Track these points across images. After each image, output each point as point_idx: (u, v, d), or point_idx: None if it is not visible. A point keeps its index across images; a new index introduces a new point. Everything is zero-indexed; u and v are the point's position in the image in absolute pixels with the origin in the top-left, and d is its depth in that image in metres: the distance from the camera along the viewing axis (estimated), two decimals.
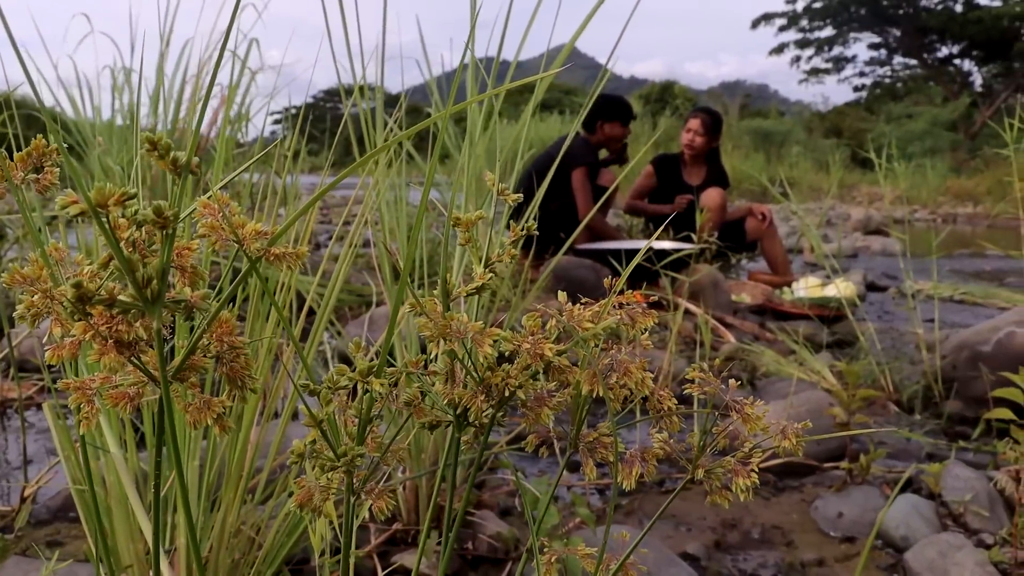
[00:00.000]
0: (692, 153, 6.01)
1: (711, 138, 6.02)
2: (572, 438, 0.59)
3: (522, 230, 0.67)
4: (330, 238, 7.07)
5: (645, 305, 0.60)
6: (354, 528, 0.84)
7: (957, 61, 42.16)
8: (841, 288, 4.26)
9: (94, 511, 0.75)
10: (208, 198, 0.56)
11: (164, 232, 0.51)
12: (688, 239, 5.03)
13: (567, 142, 1.68)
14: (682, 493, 2.11)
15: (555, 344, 0.55)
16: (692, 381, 0.66)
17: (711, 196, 5.67)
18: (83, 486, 1.26)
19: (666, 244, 4.76)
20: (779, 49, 44.75)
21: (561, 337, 0.57)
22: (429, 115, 2.25)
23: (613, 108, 5.60)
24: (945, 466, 2.06)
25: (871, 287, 6.26)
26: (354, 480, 0.61)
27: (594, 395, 0.56)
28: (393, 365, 0.64)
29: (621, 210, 6.52)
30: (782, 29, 44.12)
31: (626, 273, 0.63)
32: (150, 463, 1.34)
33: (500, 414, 0.58)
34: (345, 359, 2.80)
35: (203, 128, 3.78)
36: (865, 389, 2.17)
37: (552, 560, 0.67)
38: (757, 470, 0.61)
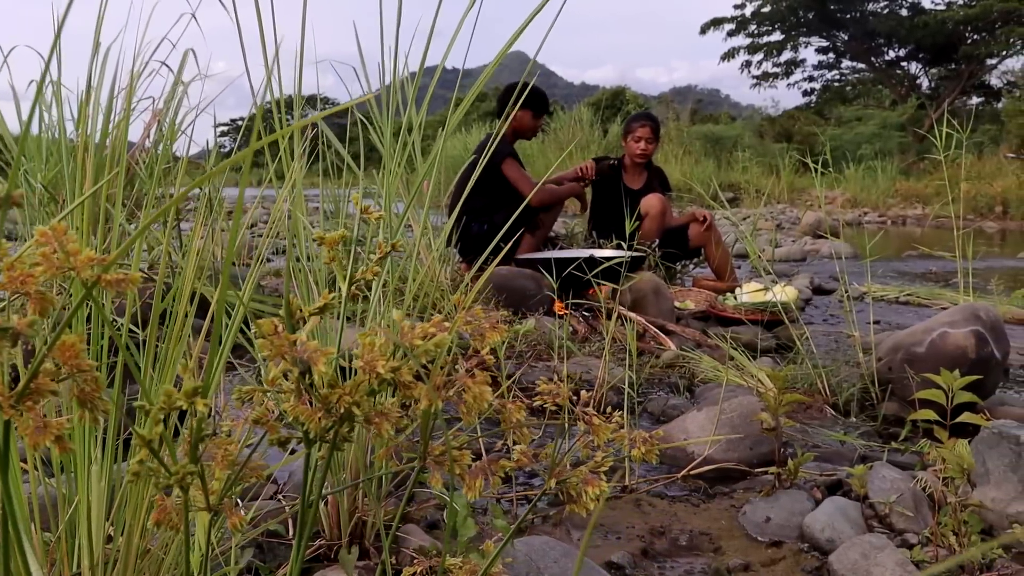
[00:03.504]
0: (644, 161, 6.04)
1: (658, 143, 6.09)
2: (420, 451, 0.59)
3: (388, 246, 0.67)
4: (275, 252, 7.03)
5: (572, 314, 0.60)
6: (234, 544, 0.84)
7: (904, 64, 42.76)
8: (782, 292, 4.29)
9: None
10: (49, 228, 0.56)
11: None
12: (619, 247, 5.05)
13: (493, 143, 1.69)
14: (612, 502, 2.12)
15: (409, 359, 0.55)
16: (626, 389, 0.65)
17: (651, 202, 5.69)
18: None
19: (607, 252, 4.77)
20: (730, 55, 45.11)
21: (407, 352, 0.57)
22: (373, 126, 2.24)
23: (527, 96, 5.58)
24: (869, 468, 2.08)
25: (818, 290, 6.31)
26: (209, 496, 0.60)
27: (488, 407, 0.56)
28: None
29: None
30: (731, 34, 44.48)
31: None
32: (45, 484, 1.32)
33: (346, 430, 0.58)
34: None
35: (138, 140, 3.74)
36: (792, 393, 2.19)
37: (420, 571, 0.67)
38: (605, 478, 0.61)
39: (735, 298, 4.78)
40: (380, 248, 0.67)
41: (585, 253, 4.44)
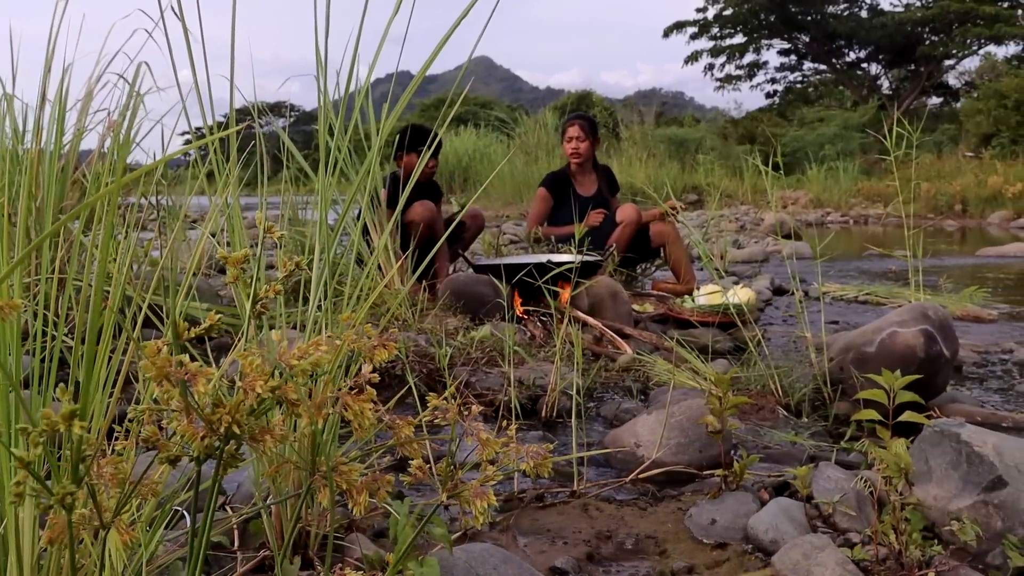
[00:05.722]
0: (580, 160, 6.04)
1: (594, 140, 6.07)
2: (310, 466, 0.60)
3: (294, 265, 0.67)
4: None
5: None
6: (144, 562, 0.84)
7: (865, 65, 43.23)
8: (739, 294, 4.32)
9: None
10: None
11: None
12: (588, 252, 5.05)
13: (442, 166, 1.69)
14: (560, 507, 2.12)
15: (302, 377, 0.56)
16: (577, 394, 0.66)
17: (627, 212, 5.72)
18: None
19: (565, 257, 4.79)
20: (693, 57, 45.40)
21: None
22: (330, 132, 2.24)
23: (406, 138, 5.45)
24: (813, 468, 2.10)
25: (778, 291, 6.35)
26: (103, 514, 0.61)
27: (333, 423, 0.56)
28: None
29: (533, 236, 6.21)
30: (694, 37, 44.77)
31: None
32: None
33: (235, 447, 0.58)
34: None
35: (94, 151, 3.72)
36: (739, 396, 2.20)
37: None
38: (493, 494, 0.62)
39: (693, 300, 4.81)
40: (284, 266, 0.67)
41: (542, 258, 4.45)
